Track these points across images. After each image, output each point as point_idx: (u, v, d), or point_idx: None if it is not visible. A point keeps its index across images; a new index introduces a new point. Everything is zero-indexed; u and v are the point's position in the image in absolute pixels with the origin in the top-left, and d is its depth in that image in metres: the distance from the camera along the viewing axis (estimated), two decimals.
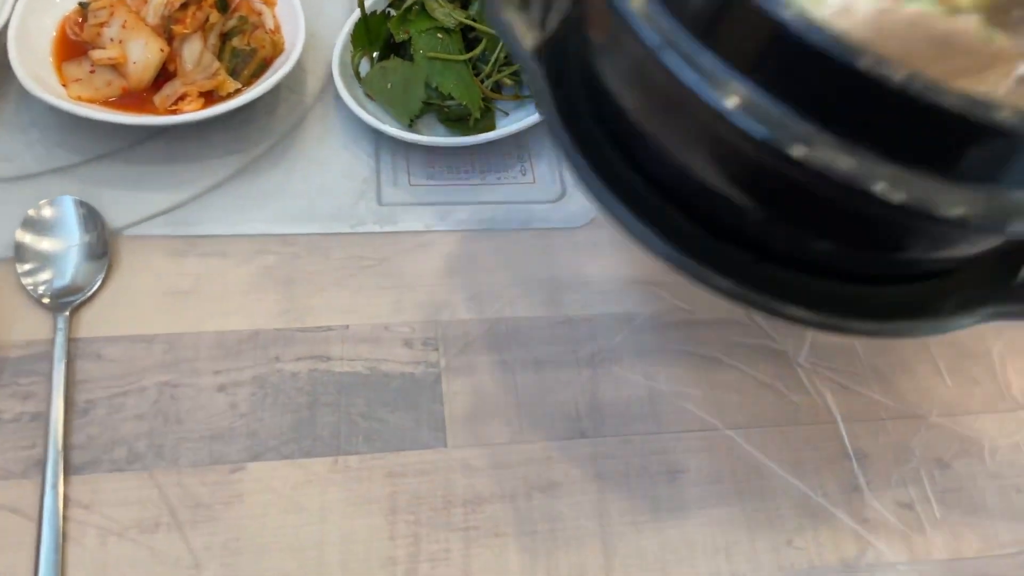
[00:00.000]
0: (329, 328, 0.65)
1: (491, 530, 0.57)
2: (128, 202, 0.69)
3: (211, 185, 0.72)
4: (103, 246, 0.65)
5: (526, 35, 0.47)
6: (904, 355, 0.70)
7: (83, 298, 0.63)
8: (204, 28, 0.73)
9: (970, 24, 0.40)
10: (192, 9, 0.73)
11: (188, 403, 0.60)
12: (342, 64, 0.78)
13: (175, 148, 0.73)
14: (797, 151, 0.32)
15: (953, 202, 0.33)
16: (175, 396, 0.61)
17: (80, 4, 0.75)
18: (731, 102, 0.33)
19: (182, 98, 0.71)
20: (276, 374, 0.62)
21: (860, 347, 0.70)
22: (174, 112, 0.71)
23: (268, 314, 0.65)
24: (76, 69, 0.72)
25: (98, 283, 0.64)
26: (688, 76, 0.33)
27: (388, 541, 0.56)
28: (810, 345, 0.69)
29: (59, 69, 0.73)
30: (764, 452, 0.63)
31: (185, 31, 0.72)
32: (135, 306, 0.64)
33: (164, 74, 0.73)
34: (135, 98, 0.72)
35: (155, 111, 0.71)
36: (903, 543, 0.60)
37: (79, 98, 0.70)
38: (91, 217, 0.66)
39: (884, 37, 0.39)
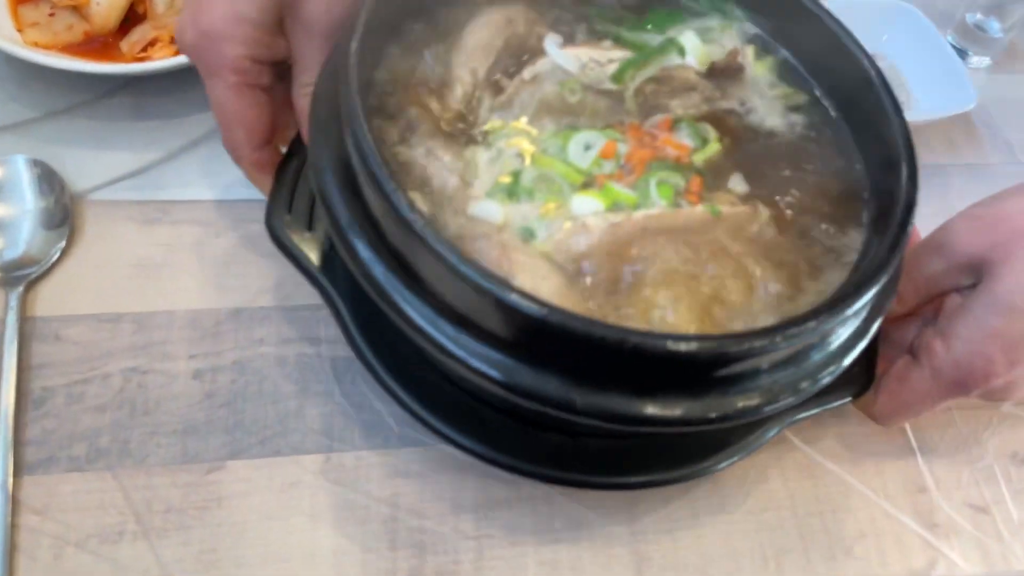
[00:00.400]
0: (321, 307, 0.57)
1: (507, 538, 0.50)
2: (92, 163, 0.61)
3: (186, 143, 0.64)
4: (62, 213, 0.57)
5: (311, 252, 0.49)
6: None
7: (39, 272, 0.55)
8: None
9: (695, 210, 0.45)
10: None
11: (158, 392, 0.53)
12: None
13: (146, 102, 0.65)
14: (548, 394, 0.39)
15: (705, 409, 0.39)
16: (143, 384, 0.53)
17: None
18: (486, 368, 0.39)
19: (152, 44, 0.63)
20: (260, 359, 0.54)
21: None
22: (142, 60, 0.62)
23: (251, 290, 0.57)
24: (34, 12, 0.64)
25: (56, 255, 0.56)
26: (453, 350, 0.39)
27: (388, 552, 0.49)
28: None
29: (15, 13, 0.64)
30: (818, 448, 0.55)
31: None
32: (99, 280, 0.57)
33: (133, 17, 0.65)
34: (99, 44, 0.64)
35: (122, 59, 0.63)
36: (978, 551, 0.52)
37: (36, 44, 0.62)
38: (48, 179, 0.58)
39: (623, 245, 0.43)
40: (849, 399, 0.50)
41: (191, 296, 0.57)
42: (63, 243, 0.57)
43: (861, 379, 0.50)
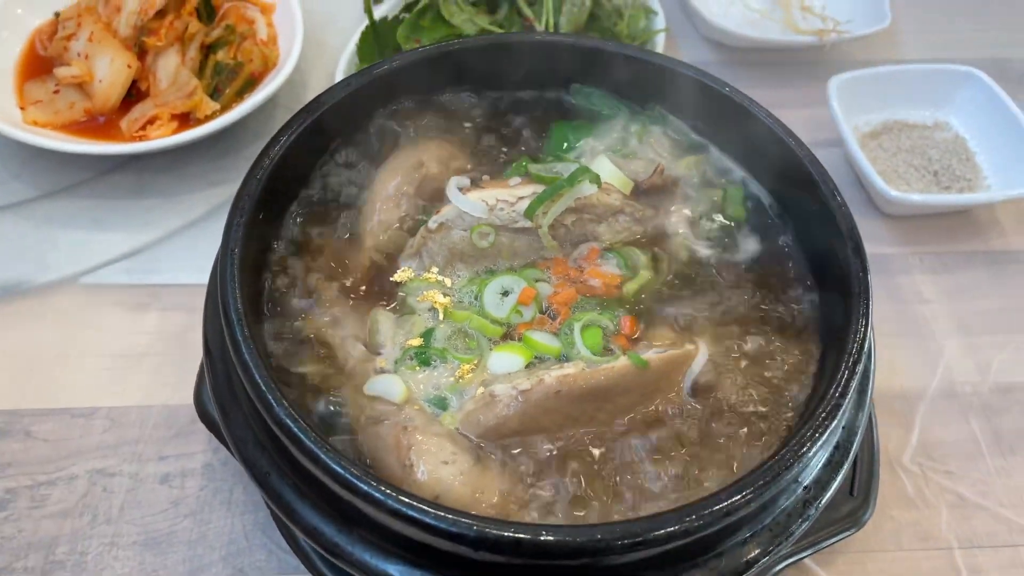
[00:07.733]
0: None
1: None
2: (87, 244, 0.59)
3: (183, 224, 0.61)
4: None
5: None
6: None
7: None
8: (182, 40, 0.63)
9: (616, 365, 0.39)
10: (169, 18, 0.62)
11: (123, 497, 0.49)
12: None
13: (146, 179, 0.63)
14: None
15: None
16: (109, 488, 0.49)
17: (56, 14, 0.66)
18: None
19: (151, 122, 0.60)
20: (233, 462, 0.50)
21: (984, 440, 0.54)
22: (140, 139, 0.60)
23: None
24: (38, 89, 0.63)
25: None
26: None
27: None
28: (918, 440, 0.53)
29: (20, 90, 0.63)
30: None
31: (159, 44, 0.61)
32: (79, 371, 0.54)
33: (138, 94, 0.63)
34: (102, 122, 0.62)
35: (122, 137, 0.61)
36: None
37: (35, 123, 0.61)
38: None
39: (534, 415, 0.38)
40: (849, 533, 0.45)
41: (170, 390, 0.53)
42: None
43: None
